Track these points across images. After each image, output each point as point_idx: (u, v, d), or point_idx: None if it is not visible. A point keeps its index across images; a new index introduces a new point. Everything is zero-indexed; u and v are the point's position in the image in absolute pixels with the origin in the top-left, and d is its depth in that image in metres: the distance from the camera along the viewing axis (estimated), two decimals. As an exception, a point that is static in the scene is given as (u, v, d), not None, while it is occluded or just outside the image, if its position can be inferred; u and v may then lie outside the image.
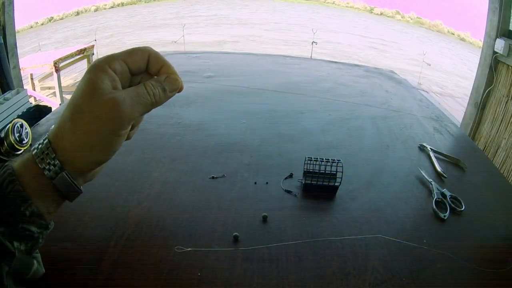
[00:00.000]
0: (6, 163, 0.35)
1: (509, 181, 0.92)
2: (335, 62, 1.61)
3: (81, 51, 4.29)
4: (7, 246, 0.33)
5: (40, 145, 0.36)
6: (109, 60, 0.37)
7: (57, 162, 0.35)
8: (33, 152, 0.35)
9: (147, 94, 0.38)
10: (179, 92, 0.42)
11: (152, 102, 0.38)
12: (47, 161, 0.35)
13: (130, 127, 0.38)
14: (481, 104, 2.41)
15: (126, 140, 0.41)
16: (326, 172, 0.64)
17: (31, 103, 1.24)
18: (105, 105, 0.34)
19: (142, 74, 0.41)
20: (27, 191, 0.34)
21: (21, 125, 0.77)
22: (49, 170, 0.35)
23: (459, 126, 2.08)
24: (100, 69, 0.36)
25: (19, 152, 0.74)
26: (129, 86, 0.40)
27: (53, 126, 0.36)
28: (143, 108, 0.38)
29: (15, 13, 2.27)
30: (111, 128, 0.36)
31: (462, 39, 15.89)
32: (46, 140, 0.36)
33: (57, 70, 3.78)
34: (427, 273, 0.49)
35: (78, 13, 15.97)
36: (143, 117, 0.42)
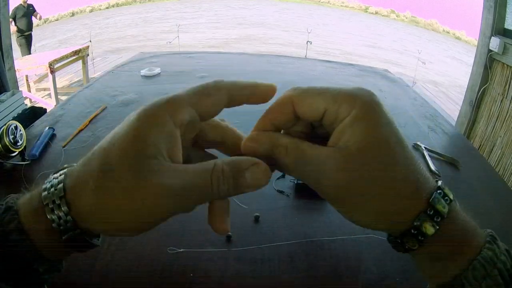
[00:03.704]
0: (9, 200, 0.27)
1: (504, 180, 0.93)
2: (329, 62, 1.61)
3: (76, 52, 4.27)
4: None
5: (53, 189, 0.25)
6: (175, 106, 0.25)
7: (69, 218, 0.25)
8: (43, 194, 0.26)
9: (211, 188, 0.25)
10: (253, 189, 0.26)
11: (213, 199, 0.26)
12: (57, 214, 0.25)
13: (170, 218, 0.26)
14: (476, 102, 2.42)
15: None
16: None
17: (26, 104, 1.24)
18: (144, 189, 0.23)
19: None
20: (37, 246, 0.26)
21: (16, 127, 0.77)
22: (59, 225, 0.25)
23: (453, 124, 2.09)
24: (155, 120, 0.24)
25: (13, 154, 0.74)
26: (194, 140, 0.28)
27: (76, 164, 0.26)
28: (196, 203, 0.25)
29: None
30: (145, 220, 0.25)
31: (458, 38, 15.96)
32: (61, 185, 0.25)
33: (52, 71, 3.76)
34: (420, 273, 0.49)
35: (73, 14, 15.93)
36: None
